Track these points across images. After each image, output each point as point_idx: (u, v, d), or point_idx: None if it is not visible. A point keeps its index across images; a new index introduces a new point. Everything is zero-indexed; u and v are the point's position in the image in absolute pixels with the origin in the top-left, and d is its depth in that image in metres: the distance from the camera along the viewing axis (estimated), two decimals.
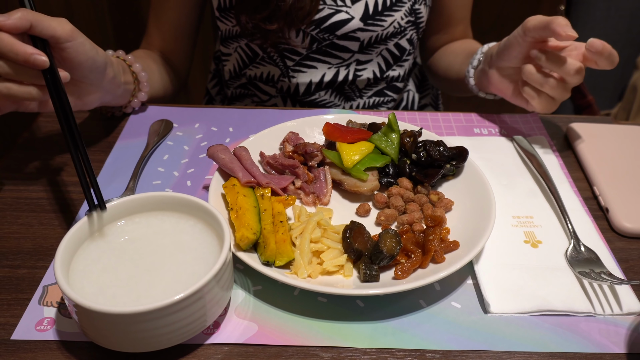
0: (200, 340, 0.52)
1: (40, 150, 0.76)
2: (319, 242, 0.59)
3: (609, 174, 0.72)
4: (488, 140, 0.80)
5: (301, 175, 0.69)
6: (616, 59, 0.68)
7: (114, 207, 0.55)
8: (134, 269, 0.52)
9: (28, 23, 0.59)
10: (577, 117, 0.87)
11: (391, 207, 0.66)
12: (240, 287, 0.57)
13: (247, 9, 0.87)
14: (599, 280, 0.56)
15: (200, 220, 0.56)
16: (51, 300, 0.55)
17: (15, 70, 0.60)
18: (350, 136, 0.71)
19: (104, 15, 1.43)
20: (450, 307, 0.56)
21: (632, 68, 1.32)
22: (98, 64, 0.68)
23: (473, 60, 0.86)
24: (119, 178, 0.71)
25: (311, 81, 0.97)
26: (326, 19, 0.89)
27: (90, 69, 0.67)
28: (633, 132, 0.81)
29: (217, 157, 0.67)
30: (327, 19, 0.89)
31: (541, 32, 0.71)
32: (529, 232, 0.64)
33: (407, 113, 0.86)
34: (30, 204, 0.67)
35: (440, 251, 0.58)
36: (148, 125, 0.81)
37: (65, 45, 0.63)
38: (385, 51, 0.97)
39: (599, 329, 0.54)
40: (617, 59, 0.68)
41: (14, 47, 0.58)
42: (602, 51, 0.68)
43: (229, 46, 0.99)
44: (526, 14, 0.72)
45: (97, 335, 0.49)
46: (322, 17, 0.89)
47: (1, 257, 0.60)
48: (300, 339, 0.52)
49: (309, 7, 0.86)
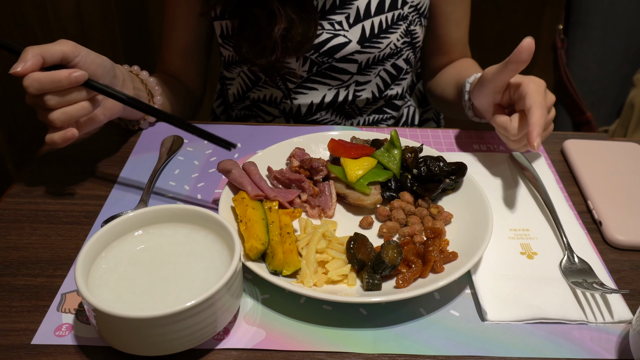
0: (211, 346, 0.54)
1: (56, 165, 0.79)
2: (324, 253, 0.62)
3: (603, 189, 0.75)
4: (486, 156, 0.83)
5: (307, 189, 0.72)
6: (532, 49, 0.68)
7: (130, 218, 0.58)
8: (150, 277, 0.54)
9: (40, 56, 0.64)
10: (573, 133, 0.90)
11: (393, 219, 0.68)
12: (249, 296, 0.60)
13: (244, 45, 0.90)
14: (592, 289, 0.58)
15: (212, 231, 0.59)
16: (69, 307, 0.58)
17: (61, 96, 0.65)
18: (354, 152, 0.74)
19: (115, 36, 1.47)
20: (449, 315, 0.58)
21: (629, 86, 1.34)
22: (107, 68, 0.72)
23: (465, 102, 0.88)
24: (132, 191, 0.74)
25: (312, 102, 1.00)
26: (324, 43, 0.92)
27: (102, 74, 0.70)
28: (626, 149, 0.84)
29: (227, 172, 0.70)
30: (325, 43, 0.92)
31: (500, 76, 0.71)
32: (525, 244, 0.66)
33: (408, 130, 0.89)
34: (47, 216, 0.70)
35: (439, 262, 0.60)
36: (160, 140, 0.84)
37: (75, 61, 0.67)
38: (383, 71, 0.99)
39: (591, 336, 0.56)
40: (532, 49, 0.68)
41: (52, 77, 0.63)
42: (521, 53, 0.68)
43: (232, 71, 1.02)
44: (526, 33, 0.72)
45: (114, 339, 0.51)
46: (320, 42, 0.92)
47: (21, 267, 0.62)
48: (306, 344, 0.54)
49: (300, 38, 0.89)
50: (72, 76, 0.64)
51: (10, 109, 1.15)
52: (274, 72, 0.95)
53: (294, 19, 0.87)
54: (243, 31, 0.91)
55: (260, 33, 0.88)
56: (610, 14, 1.28)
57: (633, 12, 1.28)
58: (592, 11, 1.28)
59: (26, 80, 0.63)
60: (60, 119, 0.66)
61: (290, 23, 0.87)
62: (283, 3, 0.87)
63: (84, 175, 0.77)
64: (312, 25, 0.89)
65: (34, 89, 0.63)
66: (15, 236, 0.66)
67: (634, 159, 0.81)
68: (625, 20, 1.29)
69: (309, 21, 0.89)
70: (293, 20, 0.87)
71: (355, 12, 0.92)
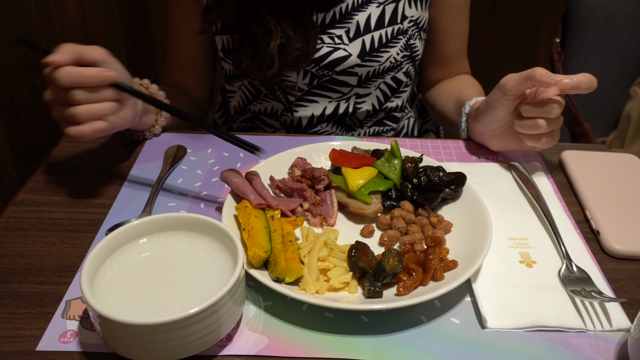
0: (214, 352, 0.55)
1: (61, 174, 0.80)
2: (325, 261, 0.62)
3: (600, 199, 0.75)
4: (485, 166, 0.84)
5: (309, 198, 0.73)
6: (594, 84, 0.70)
7: (134, 226, 0.59)
8: (154, 284, 0.55)
9: (75, 54, 0.67)
10: (571, 144, 0.91)
11: (394, 228, 0.69)
12: (252, 303, 0.60)
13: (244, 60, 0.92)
14: (590, 298, 0.59)
15: (215, 239, 0.60)
16: (74, 314, 0.58)
17: (89, 92, 0.67)
18: (355, 162, 0.75)
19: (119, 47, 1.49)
20: (449, 322, 0.59)
21: (626, 98, 1.36)
22: (128, 76, 0.75)
23: (461, 123, 0.89)
24: (136, 200, 0.75)
25: (313, 115, 1.01)
26: (325, 56, 0.93)
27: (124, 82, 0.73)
28: (623, 159, 0.85)
29: (230, 181, 0.71)
30: (326, 57, 0.93)
31: (522, 87, 0.73)
32: (524, 252, 0.67)
33: (408, 140, 0.90)
34: (52, 224, 0.70)
35: (439, 270, 0.61)
36: (163, 150, 0.85)
37: (104, 67, 0.70)
38: (383, 84, 1.00)
39: (589, 344, 0.56)
40: (594, 84, 0.70)
41: (84, 72, 0.66)
42: (577, 86, 0.70)
43: (234, 84, 1.03)
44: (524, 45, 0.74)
45: (118, 345, 0.52)
46: (321, 56, 0.93)
47: (26, 274, 0.63)
48: (309, 351, 0.55)
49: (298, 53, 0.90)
50: (103, 74, 0.67)
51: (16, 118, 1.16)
52: (274, 86, 0.96)
53: (290, 35, 0.89)
54: (242, 46, 0.92)
55: (258, 48, 0.90)
56: (606, 28, 1.30)
57: (629, 26, 1.30)
58: (589, 25, 1.30)
59: (59, 72, 0.65)
60: (84, 114, 0.68)
61: (287, 39, 0.88)
62: (280, 19, 0.88)
63: (89, 184, 0.78)
64: (312, 40, 0.90)
65: (65, 81, 0.65)
66: (21, 244, 0.67)
67: (631, 170, 0.82)
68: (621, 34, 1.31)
69: (307, 36, 0.90)
70: (290, 36, 0.89)
71: (355, 26, 0.94)
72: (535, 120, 0.74)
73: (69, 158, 0.84)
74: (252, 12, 0.89)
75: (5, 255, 0.65)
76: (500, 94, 0.76)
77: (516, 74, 0.73)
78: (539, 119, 0.74)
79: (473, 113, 0.85)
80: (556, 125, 0.76)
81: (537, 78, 0.70)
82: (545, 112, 0.73)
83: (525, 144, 0.79)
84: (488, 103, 0.79)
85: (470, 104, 0.87)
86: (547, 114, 0.73)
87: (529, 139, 0.77)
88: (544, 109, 0.73)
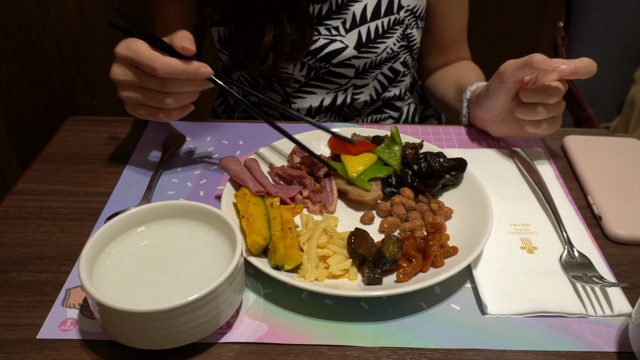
0: (214, 339, 0.55)
1: (60, 163, 0.80)
2: (325, 248, 0.62)
3: (602, 184, 0.75)
4: (486, 152, 0.83)
5: (308, 185, 0.73)
6: (593, 68, 0.69)
7: (133, 214, 0.59)
8: (153, 272, 0.55)
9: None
10: (574, 129, 0.90)
11: (394, 215, 0.69)
12: (252, 290, 0.60)
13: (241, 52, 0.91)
14: (591, 283, 0.58)
15: (214, 227, 0.59)
16: (74, 302, 0.59)
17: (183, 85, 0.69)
18: (355, 148, 0.75)
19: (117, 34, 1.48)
20: (449, 308, 0.59)
21: (630, 82, 1.35)
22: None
23: (462, 109, 0.89)
24: (135, 188, 0.75)
25: (311, 106, 1.00)
26: (321, 49, 0.92)
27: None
28: (625, 144, 0.84)
29: (229, 168, 0.70)
30: (322, 49, 0.93)
31: (520, 74, 0.71)
32: (525, 238, 0.67)
33: (409, 126, 0.89)
34: (52, 213, 0.70)
35: (440, 256, 0.61)
36: (162, 138, 0.85)
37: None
38: (381, 75, 0.99)
39: (590, 329, 0.56)
40: (594, 68, 0.69)
41: (186, 69, 0.67)
42: (576, 72, 0.69)
43: (231, 76, 1.02)
44: (528, 31, 0.73)
45: (118, 333, 0.52)
46: (317, 48, 0.92)
47: (26, 263, 0.63)
48: (308, 338, 0.55)
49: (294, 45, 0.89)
50: (201, 70, 0.67)
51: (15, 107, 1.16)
52: (271, 77, 0.95)
53: (285, 28, 0.88)
54: (237, 38, 0.91)
55: (253, 41, 0.89)
56: (610, 12, 1.28)
57: (633, 10, 1.28)
58: (593, 9, 1.29)
59: (158, 62, 0.66)
60: (172, 104, 0.70)
61: (282, 31, 0.88)
62: (275, 12, 0.87)
63: (88, 173, 0.78)
64: (308, 32, 0.90)
65: (163, 73, 0.66)
66: (20, 233, 0.67)
67: (634, 154, 0.82)
68: (625, 18, 1.29)
69: (304, 28, 0.89)
70: (285, 29, 0.88)
71: (351, 17, 0.92)
72: (534, 107, 0.74)
73: (68, 147, 0.84)
74: (246, 6, 0.88)
75: (5, 244, 0.65)
76: (499, 82, 0.75)
77: (514, 61, 0.72)
78: (538, 105, 0.73)
79: (474, 98, 0.84)
80: (557, 111, 0.75)
81: (535, 65, 0.69)
82: (544, 98, 0.72)
83: (526, 130, 0.78)
84: (488, 90, 0.78)
85: (471, 89, 0.87)
86: (547, 99, 0.72)
87: (529, 125, 0.76)
88: (543, 95, 0.72)
